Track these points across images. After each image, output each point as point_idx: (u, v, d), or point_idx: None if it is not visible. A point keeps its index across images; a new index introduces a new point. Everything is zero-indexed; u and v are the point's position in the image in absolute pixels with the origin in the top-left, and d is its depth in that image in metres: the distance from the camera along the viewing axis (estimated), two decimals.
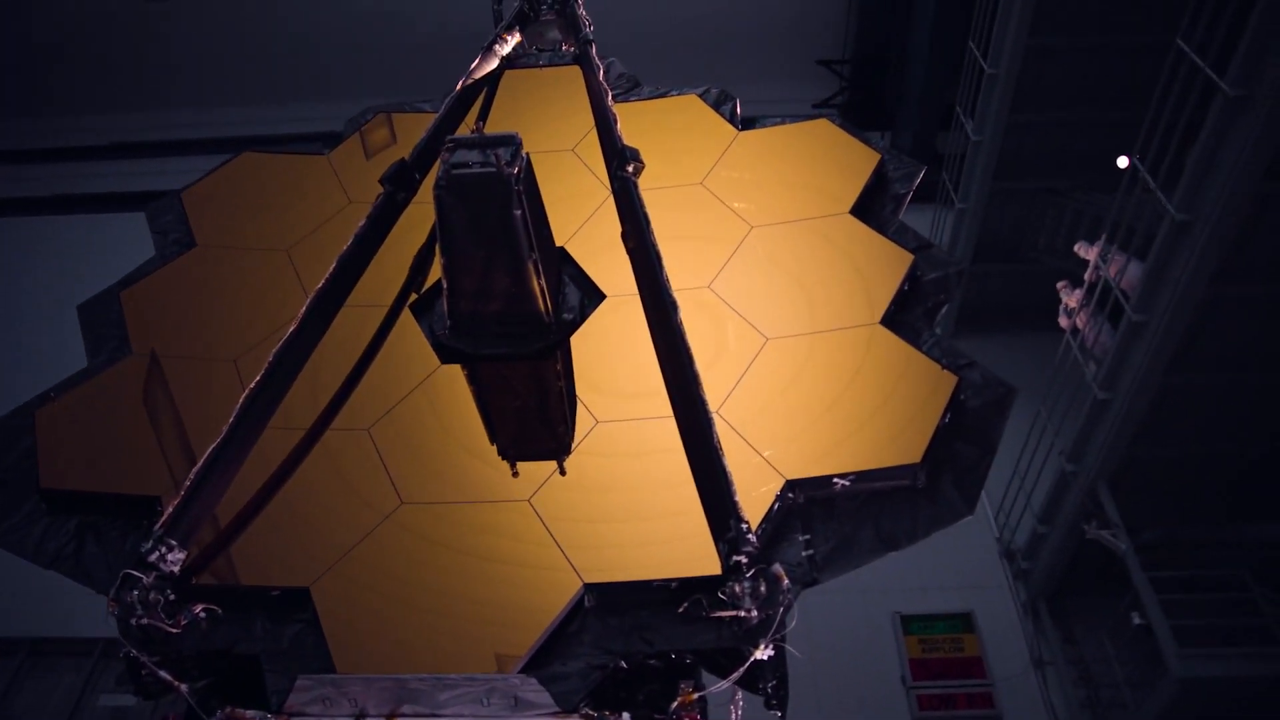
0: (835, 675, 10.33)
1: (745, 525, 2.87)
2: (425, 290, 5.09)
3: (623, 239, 4.00)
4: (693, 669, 3.52)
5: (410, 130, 6.41)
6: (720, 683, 3.04)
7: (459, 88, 4.85)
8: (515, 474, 4.41)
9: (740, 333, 4.90)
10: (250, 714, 2.98)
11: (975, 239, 13.63)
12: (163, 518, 3.13)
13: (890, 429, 4.27)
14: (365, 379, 4.56)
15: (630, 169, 4.12)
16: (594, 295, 5.19)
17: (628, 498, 4.23)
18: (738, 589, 2.79)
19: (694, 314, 4.69)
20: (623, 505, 4.20)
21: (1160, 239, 8.41)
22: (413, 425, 4.68)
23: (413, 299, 5.05)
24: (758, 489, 4.03)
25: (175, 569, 3.04)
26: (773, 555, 3.78)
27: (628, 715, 3.09)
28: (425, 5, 18.94)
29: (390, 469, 4.44)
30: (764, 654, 2.79)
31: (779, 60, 19.31)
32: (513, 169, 4.16)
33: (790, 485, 4.07)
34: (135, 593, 2.92)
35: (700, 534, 2.99)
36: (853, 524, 4.00)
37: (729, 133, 6.25)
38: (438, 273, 4.63)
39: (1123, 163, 9.32)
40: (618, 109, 4.53)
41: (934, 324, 4.90)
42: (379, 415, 4.69)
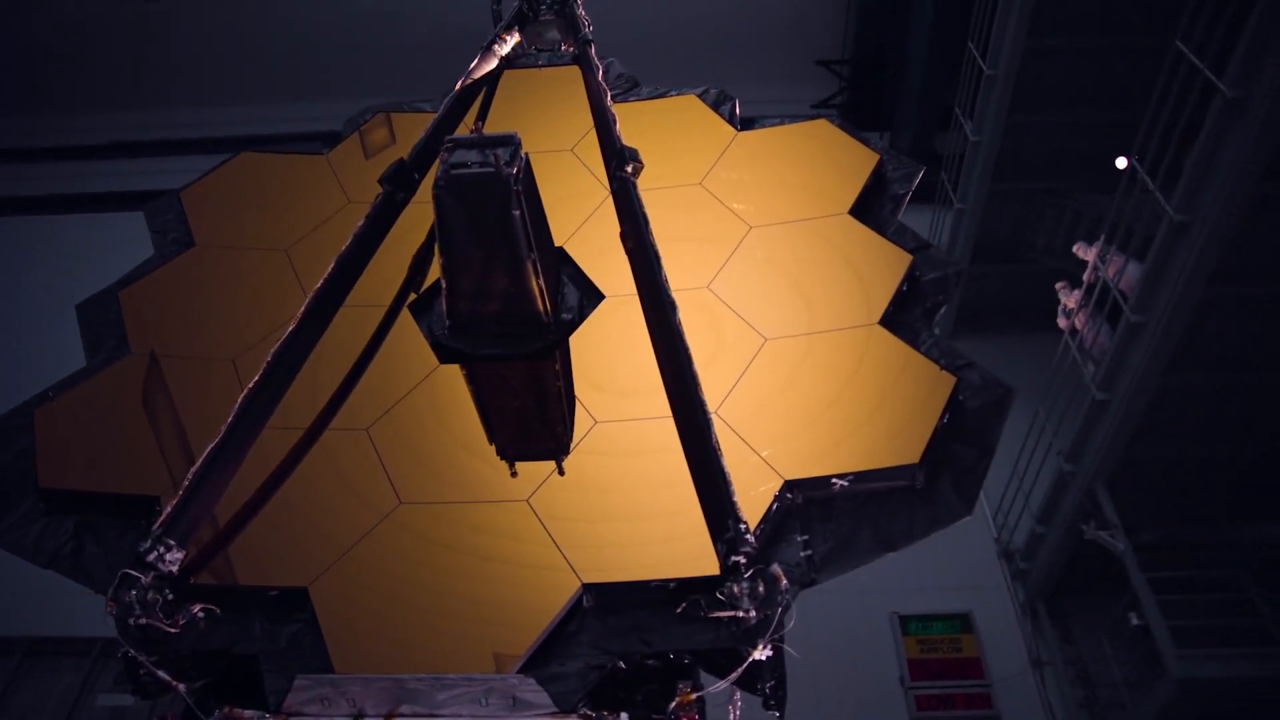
0: (833, 676, 10.32)
1: (744, 525, 2.87)
2: (424, 290, 5.09)
3: (621, 239, 4.00)
4: (691, 669, 3.52)
5: (409, 130, 6.40)
6: (718, 683, 3.05)
7: (458, 88, 4.85)
8: (514, 474, 4.41)
9: (739, 333, 4.90)
10: (248, 714, 2.99)
11: (974, 239, 13.63)
12: (161, 517, 3.13)
13: (889, 429, 4.27)
14: (364, 379, 4.55)
15: (629, 169, 4.12)
16: (593, 295, 5.20)
17: (626, 497, 4.23)
18: (736, 589, 2.79)
19: (693, 314, 4.69)
20: (621, 505, 4.20)
21: (1159, 240, 8.41)
22: (411, 425, 4.68)
23: (411, 299, 5.04)
24: (756, 488, 4.04)
25: (174, 569, 3.04)
26: (771, 555, 3.78)
27: (626, 715, 3.10)
28: (424, 5, 18.94)
29: (389, 469, 4.45)
30: (762, 654, 2.79)
31: (778, 61, 19.32)
32: (512, 169, 4.15)
33: (789, 485, 4.08)
34: (133, 592, 2.92)
35: (699, 534, 2.98)
36: (851, 524, 4.01)
37: (728, 133, 6.25)
38: (436, 273, 4.63)
39: (1121, 163, 9.32)
40: (617, 109, 4.52)
41: (932, 324, 4.91)
42: (378, 415, 4.69)
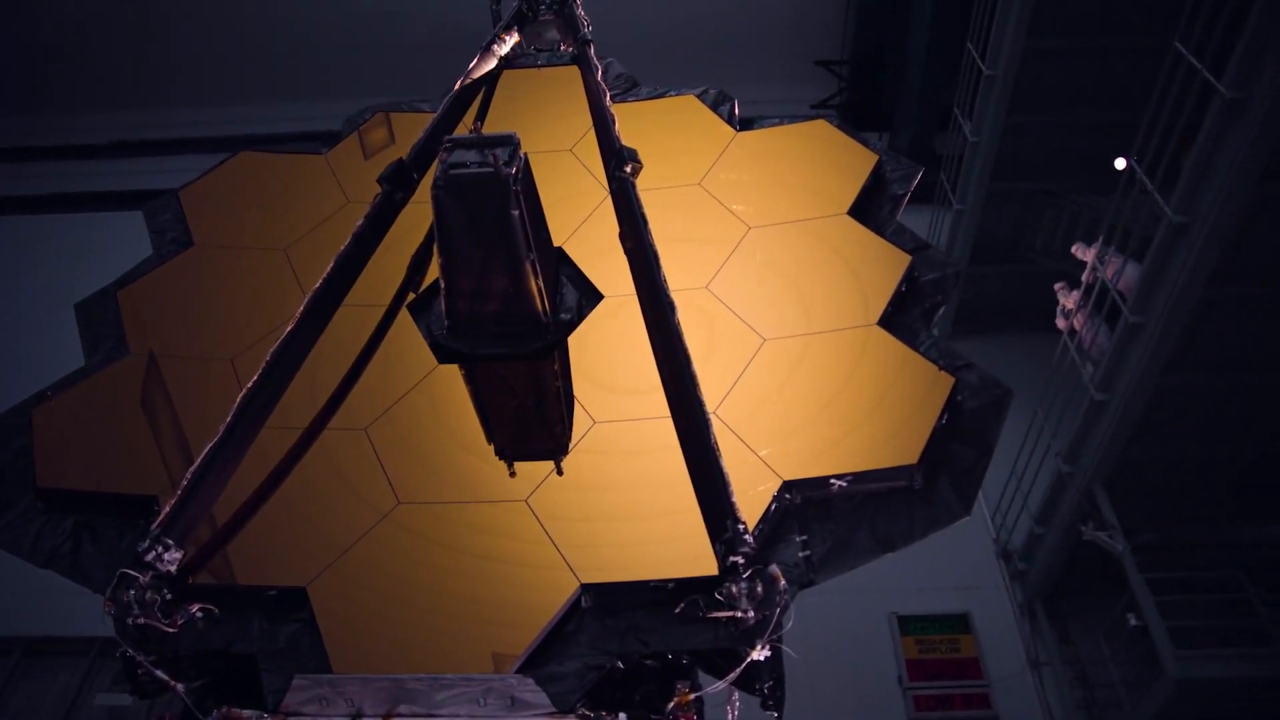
0: (832, 676, 10.33)
1: (742, 526, 2.87)
2: (423, 290, 5.09)
3: (620, 239, 4.00)
4: (689, 669, 3.52)
5: (408, 130, 6.39)
6: (717, 683, 3.04)
7: (457, 87, 4.85)
8: (513, 473, 4.41)
9: (737, 333, 4.90)
10: (247, 714, 2.99)
11: (973, 240, 13.63)
12: (159, 517, 3.12)
13: (887, 430, 4.27)
14: (363, 378, 4.54)
15: (628, 169, 4.12)
16: (592, 295, 5.19)
17: (625, 497, 4.23)
18: (734, 589, 2.78)
19: (691, 315, 4.69)
20: (620, 505, 4.20)
21: (1157, 240, 8.41)
22: (410, 425, 4.68)
23: (410, 299, 5.05)
24: (754, 488, 4.04)
25: (172, 568, 3.04)
26: (769, 556, 3.78)
27: (624, 716, 3.10)
28: (424, 5, 18.94)
29: (388, 468, 4.44)
30: (760, 654, 2.79)
31: (777, 61, 19.33)
32: (510, 169, 4.15)
33: (787, 486, 4.07)
34: (132, 592, 2.91)
35: (697, 534, 2.98)
36: (849, 525, 4.01)
37: (727, 133, 6.25)
38: (435, 272, 4.63)
39: (1120, 164, 9.32)
40: (616, 109, 4.52)
41: (931, 325, 4.91)
42: (377, 415, 4.69)
